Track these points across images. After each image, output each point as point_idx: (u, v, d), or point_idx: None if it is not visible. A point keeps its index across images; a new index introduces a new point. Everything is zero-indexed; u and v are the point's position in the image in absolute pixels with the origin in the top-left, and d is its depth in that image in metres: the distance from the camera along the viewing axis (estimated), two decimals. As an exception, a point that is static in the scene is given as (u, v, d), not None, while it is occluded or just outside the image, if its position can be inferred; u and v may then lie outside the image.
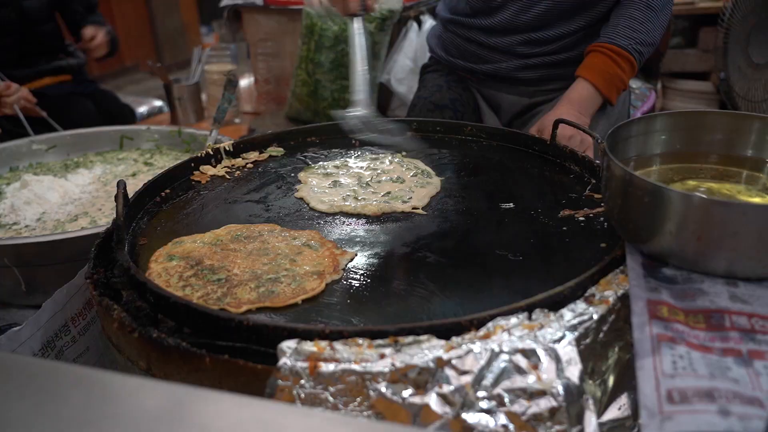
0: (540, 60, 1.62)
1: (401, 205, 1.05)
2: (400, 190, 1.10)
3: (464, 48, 1.71)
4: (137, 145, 1.94)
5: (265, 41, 2.75)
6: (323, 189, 1.12)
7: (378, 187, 1.13)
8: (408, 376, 0.61)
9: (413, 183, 1.13)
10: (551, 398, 0.60)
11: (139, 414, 0.45)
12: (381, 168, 1.21)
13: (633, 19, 1.48)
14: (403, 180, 1.14)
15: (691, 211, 0.69)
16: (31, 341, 0.88)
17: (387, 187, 1.12)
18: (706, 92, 3.24)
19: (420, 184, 1.12)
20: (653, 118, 0.90)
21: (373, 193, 1.10)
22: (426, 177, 1.15)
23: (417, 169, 1.19)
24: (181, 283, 0.82)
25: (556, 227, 0.95)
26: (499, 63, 1.66)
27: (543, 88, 1.68)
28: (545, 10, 1.55)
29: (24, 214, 1.44)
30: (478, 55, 1.69)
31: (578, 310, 0.70)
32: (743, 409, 0.53)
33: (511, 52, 1.63)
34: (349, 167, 1.22)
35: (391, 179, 1.15)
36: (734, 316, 0.66)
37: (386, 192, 1.10)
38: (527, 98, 1.70)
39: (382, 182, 1.15)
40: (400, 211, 1.03)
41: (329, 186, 1.13)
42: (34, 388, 0.47)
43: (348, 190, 1.11)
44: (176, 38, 6.29)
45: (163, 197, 1.10)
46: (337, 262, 0.87)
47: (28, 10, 2.28)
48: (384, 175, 1.18)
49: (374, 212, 1.03)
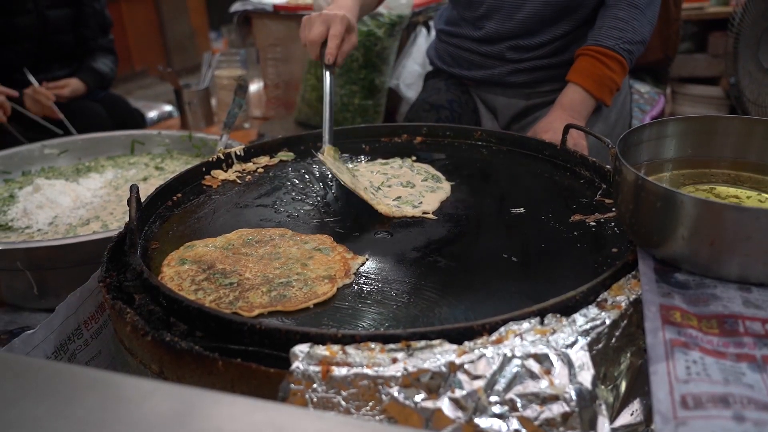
0: (531, 64, 1.64)
1: (411, 209, 1.05)
2: (410, 194, 1.11)
3: (458, 56, 1.75)
4: (148, 149, 1.95)
5: (274, 46, 2.76)
6: None
7: (388, 191, 1.13)
8: (420, 380, 0.61)
9: (423, 188, 1.13)
10: (564, 403, 0.60)
11: (151, 417, 0.45)
12: (391, 173, 1.21)
13: (618, 20, 1.48)
14: (414, 185, 1.15)
15: (703, 216, 0.69)
16: (45, 344, 0.89)
17: (397, 191, 1.12)
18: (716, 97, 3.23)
19: (430, 189, 1.12)
20: (665, 123, 0.90)
21: (384, 197, 1.10)
22: (436, 182, 1.16)
23: (427, 173, 1.19)
24: (194, 287, 0.83)
25: (567, 232, 0.95)
26: (491, 69, 1.69)
27: (538, 90, 1.69)
28: (526, 17, 1.57)
29: (36, 218, 1.45)
30: (471, 62, 1.72)
31: (590, 315, 0.70)
32: (758, 415, 0.52)
33: (502, 58, 1.66)
34: (360, 171, 1.22)
35: (401, 183, 1.15)
36: (748, 322, 0.65)
37: (397, 197, 1.10)
38: (523, 100, 1.72)
39: (392, 187, 1.15)
40: (411, 215, 1.03)
41: None
42: (48, 390, 0.47)
43: (381, 194, 1.12)
44: (186, 43, 6.33)
45: (174, 201, 1.11)
46: (348, 267, 0.87)
47: (50, 19, 2.33)
48: (394, 179, 1.18)
49: (385, 212, 1.03)
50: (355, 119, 2.52)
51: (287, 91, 2.85)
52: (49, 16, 2.33)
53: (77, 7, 2.42)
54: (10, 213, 1.50)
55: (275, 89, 2.87)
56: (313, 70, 2.53)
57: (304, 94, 2.61)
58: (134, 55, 5.81)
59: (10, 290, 1.31)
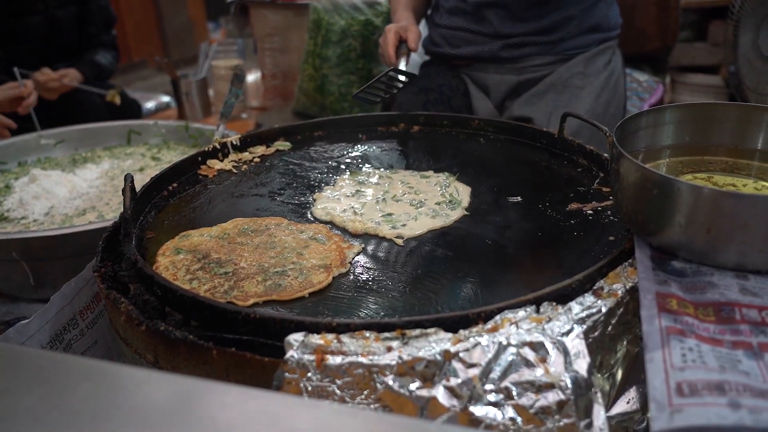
0: (520, 39, 1.65)
1: (388, 230, 0.95)
2: (404, 214, 1.01)
3: (449, 36, 1.76)
4: (145, 140, 1.94)
5: (272, 36, 2.74)
6: (349, 210, 1.02)
7: (392, 205, 1.04)
8: (415, 369, 0.61)
9: (427, 210, 1.02)
10: (559, 391, 0.60)
11: (146, 406, 0.45)
12: (416, 186, 1.11)
13: None
14: (423, 204, 1.04)
15: (700, 204, 0.69)
16: (40, 334, 0.88)
17: (398, 207, 1.03)
18: (716, 86, 3.21)
19: (433, 213, 1.00)
20: (662, 110, 0.89)
21: (375, 210, 1.02)
22: (449, 208, 1.02)
23: (451, 198, 1.06)
24: (189, 276, 0.82)
25: (564, 220, 0.95)
26: (482, 45, 1.70)
27: (530, 64, 1.69)
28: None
29: (32, 209, 1.45)
30: (461, 39, 1.73)
31: (586, 303, 0.70)
32: (754, 402, 0.52)
33: (495, 36, 1.67)
34: (391, 179, 1.13)
35: (412, 201, 1.05)
36: (744, 309, 0.65)
37: (388, 213, 1.01)
38: (515, 76, 1.72)
39: (400, 202, 1.05)
40: (381, 235, 0.94)
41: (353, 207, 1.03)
42: (42, 380, 0.47)
43: (377, 208, 1.03)
44: (183, 34, 6.30)
45: (170, 191, 1.10)
46: (344, 256, 0.87)
47: (57, 18, 2.35)
48: (409, 194, 1.08)
49: (353, 229, 0.95)
50: (353, 109, 2.51)
51: (285, 81, 2.84)
52: (57, 16, 2.34)
53: (83, 4, 2.43)
54: (6, 203, 1.50)
55: (273, 79, 2.86)
56: (310, 60, 2.51)
57: (301, 84, 2.60)
58: (132, 47, 5.79)
59: (6, 281, 1.30)
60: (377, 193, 1.08)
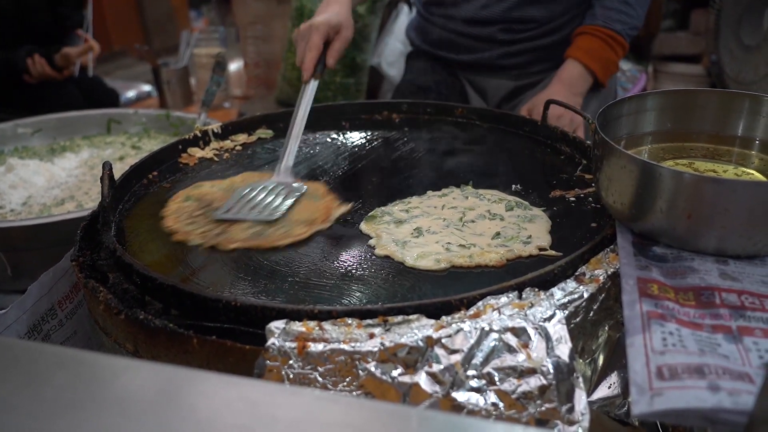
0: (522, 47, 1.63)
1: (523, 247, 0.83)
2: (506, 227, 0.89)
3: (445, 38, 1.70)
4: (125, 129, 1.91)
5: (254, 24, 2.72)
6: (409, 240, 0.87)
7: (475, 228, 0.90)
8: (397, 355, 0.61)
9: (514, 218, 0.92)
10: (541, 376, 0.60)
11: (125, 395, 0.44)
12: (460, 205, 0.97)
13: (625, 3, 1.49)
14: (501, 216, 0.92)
15: (681, 189, 0.69)
16: (17, 325, 0.87)
17: (486, 226, 0.90)
18: (698, 75, 3.24)
19: (525, 218, 0.91)
20: (644, 96, 0.90)
21: (475, 236, 0.87)
22: (524, 209, 0.94)
23: (511, 202, 0.96)
24: (189, 220, 0.91)
25: (546, 208, 0.95)
26: (481, 53, 1.66)
27: (528, 71, 1.68)
28: None
29: (9, 198, 1.43)
30: (459, 45, 1.69)
31: (568, 289, 0.70)
32: (733, 385, 0.52)
33: (493, 41, 1.63)
34: (419, 209, 0.96)
35: (485, 216, 0.93)
36: (724, 293, 0.65)
37: (495, 233, 0.88)
38: (513, 81, 1.70)
39: (476, 222, 0.91)
40: (527, 255, 0.82)
41: (413, 235, 0.88)
42: (16, 369, 0.46)
43: (441, 236, 0.87)
44: (165, 23, 6.21)
45: (150, 180, 1.09)
46: (329, 214, 0.93)
47: (25, 0, 2.28)
48: (470, 212, 0.94)
49: (497, 262, 0.81)
50: (336, 98, 2.49)
51: (268, 70, 2.82)
52: None
53: None
54: (-17, 194, 1.47)
55: (255, 68, 2.84)
56: (293, 49, 2.49)
57: (284, 73, 2.58)
58: (112, 35, 5.68)
59: (-17, 272, 1.28)
60: (442, 223, 0.92)
